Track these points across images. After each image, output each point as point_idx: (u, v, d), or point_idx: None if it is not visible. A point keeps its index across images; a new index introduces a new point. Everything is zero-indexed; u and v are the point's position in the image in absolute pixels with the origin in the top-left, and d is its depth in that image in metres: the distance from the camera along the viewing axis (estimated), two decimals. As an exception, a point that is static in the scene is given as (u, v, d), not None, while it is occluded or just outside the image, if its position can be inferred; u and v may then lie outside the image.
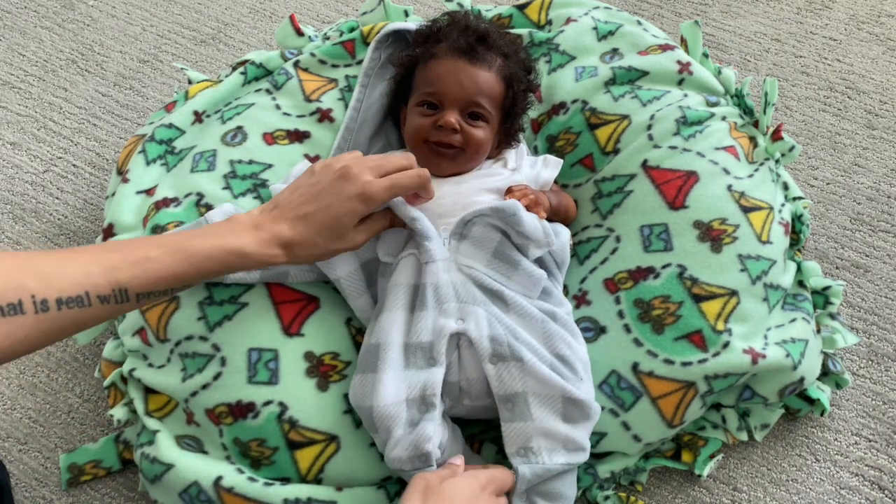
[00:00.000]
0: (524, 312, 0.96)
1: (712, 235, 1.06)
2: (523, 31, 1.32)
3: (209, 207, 1.10)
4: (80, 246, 1.29)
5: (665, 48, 1.26)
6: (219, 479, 0.94)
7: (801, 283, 1.15)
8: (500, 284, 0.98)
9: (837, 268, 1.26)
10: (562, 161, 1.15)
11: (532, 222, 0.99)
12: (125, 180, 1.18)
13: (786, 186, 1.19)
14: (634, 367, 1.00)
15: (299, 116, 1.22)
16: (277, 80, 1.25)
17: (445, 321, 0.94)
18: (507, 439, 0.90)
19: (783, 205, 1.15)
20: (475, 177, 1.08)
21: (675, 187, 1.10)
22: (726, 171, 1.11)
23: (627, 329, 1.02)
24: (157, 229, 1.08)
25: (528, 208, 1.01)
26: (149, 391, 1.05)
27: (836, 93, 1.50)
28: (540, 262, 1.02)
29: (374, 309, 1.01)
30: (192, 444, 0.99)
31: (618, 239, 1.10)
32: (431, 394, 0.91)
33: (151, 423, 1.01)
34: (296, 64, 1.27)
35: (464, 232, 1.00)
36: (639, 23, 1.33)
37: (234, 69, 1.34)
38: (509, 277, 0.99)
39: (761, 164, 1.15)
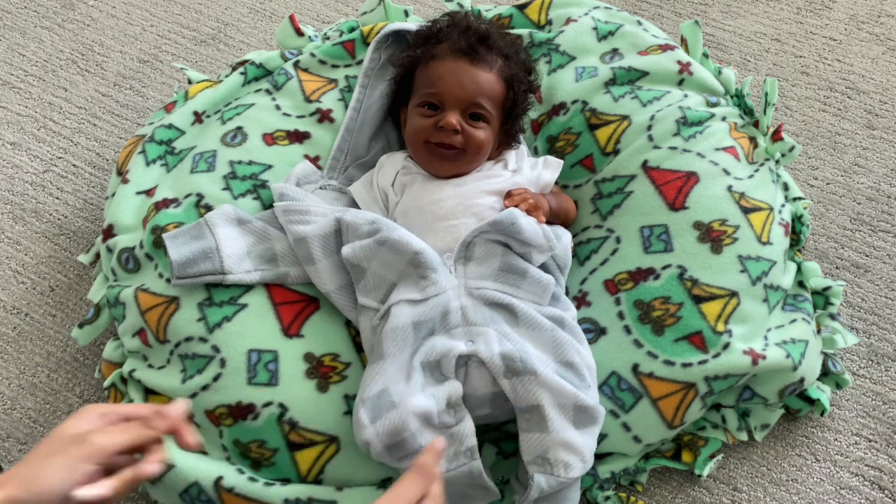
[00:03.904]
0: (533, 324, 0.96)
1: (712, 236, 1.06)
2: (523, 32, 1.32)
3: (209, 208, 1.10)
4: None
5: (665, 48, 1.26)
6: (219, 479, 0.94)
7: (801, 284, 1.15)
8: (510, 297, 0.97)
9: (837, 268, 1.26)
10: (562, 162, 1.16)
11: (532, 228, 0.99)
12: (125, 181, 1.18)
13: (786, 187, 1.19)
14: (635, 368, 1.00)
15: (299, 117, 1.22)
16: (277, 80, 1.25)
17: (454, 343, 0.94)
18: (524, 448, 0.91)
19: (783, 205, 1.15)
20: (476, 178, 1.08)
21: (676, 188, 1.10)
22: (726, 172, 1.11)
23: (628, 330, 1.02)
24: (157, 230, 1.08)
25: (527, 212, 1.01)
26: (149, 392, 1.05)
27: (836, 93, 1.50)
28: (543, 266, 1.02)
29: (369, 352, 0.99)
30: (193, 444, 0.99)
31: (618, 240, 1.10)
32: (456, 402, 0.91)
33: (152, 424, 1.01)
34: (296, 64, 1.27)
35: (467, 254, 1.00)
36: (639, 23, 1.33)
37: (234, 69, 1.34)
38: (519, 287, 0.99)
39: (761, 164, 1.15)
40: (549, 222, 1.05)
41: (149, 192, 1.16)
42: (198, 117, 1.24)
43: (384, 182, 1.12)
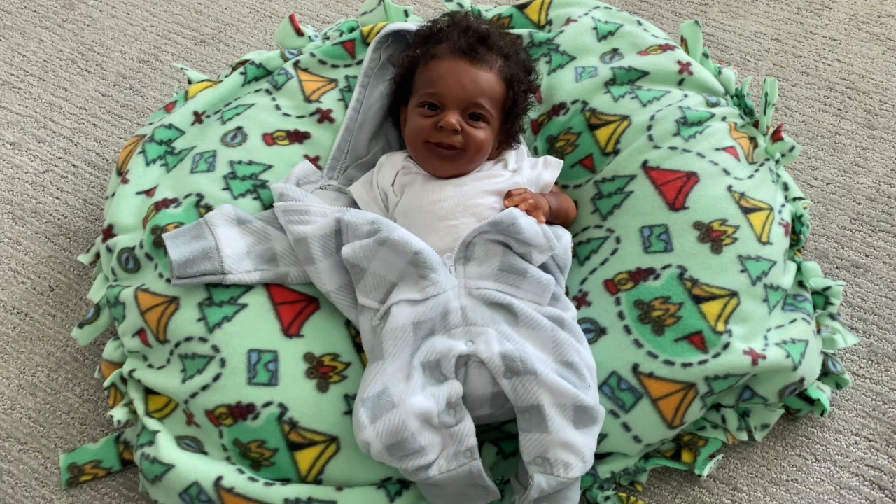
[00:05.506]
0: (533, 324, 0.96)
1: (712, 236, 1.06)
2: (523, 32, 1.32)
3: (209, 208, 1.10)
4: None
5: (665, 48, 1.26)
6: (219, 479, 0.94)
7: (801, 284, 1.15)
8: (510, 297, 0.97)
9: (837, 268, 1.26)
10: (562, 162, 1.16)
11: (532, 228, 0.99)
12: (125, 181, 1.18)
13: (786, 187, 1.19)
14: (635, 368, 1.00)
15: (299, 117, 1.22)
16: (277, 80, 1.25)
17: (454, 343, 0.94)
18: (524, 448, 0.91)
19: (783, 205, 1.15)
20: (476, 178, 1.08)
21: (676, 188, 1.10)
22: (726, 172, 1.11)
23: (628, 330, 1.02)
24: (157, 230, 1.08)
25: (527, 212, 1.01)
26: (149, 392, 1.05)
27: (836, 93, 1.50)
28: (543, 266, 1.02)
29: (369, 352, 1.00)
30: (193, 444, 0.99)
31: (618, 240, 1.10)
32: (456, 402, 0.91)
33: (151, 424, 1.01)
34: (296, 64, 1.27)
35: (467, 254, 1.00)
36: (639, 23, 1.33)
37: (234, 69, 1.34)
38: (518, 287, 0.99)
39: (761, 164, 1.15)
40: (549, 222, 1.06)
41: (149, 192, 1.16)
42: (198, 117, 1.24)
43: (384, 182, 1.12)
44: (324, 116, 1.22)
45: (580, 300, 1.08)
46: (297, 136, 1.20)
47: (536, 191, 1.11)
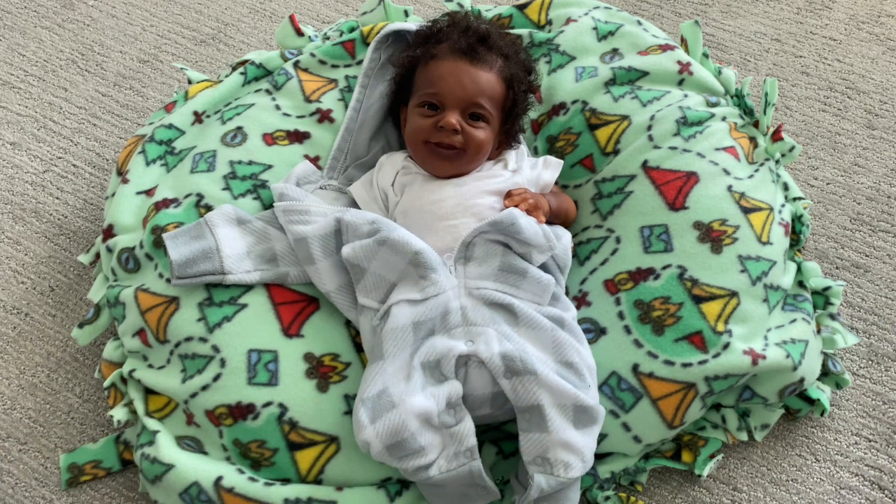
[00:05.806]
0: (533, 324, 0.96)
1: (712, 236, 1.06)
2: (523, 32, 1.32)
3: (209, 208, 1.10)
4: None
5: (665, 48, 1.26)
6: (219, 479, 0.94)
7: (801, 284, 1.15)
8: (510, 297, 0.97)
9: (837, 268, 1.26)
10: (562, 162, 1.16)
11: (532, 228, 0.99)
12: (125, 181, 1.18)
13: (786, 187, 1.19)
14: (635, 368, 1.00)
15: (299, 117, 1.22)
16: (277, 80, 1.25)
17: (454, 343, 0.94)
18: (524, 448, 0.91)
19: (783, 205, 1.15)
20: (476, 178, 1.08)
21: (676, 188, 1.10)
22: (726, 172, 1.11)
23: (628, 330, 1.02)
24: (157, 230, 1.08)
25: (527, 212, 1.01)
26: (149, 392, 1.05)
27: (836, 93, 1.50)
28: (543, 266, 1.02)
29: (369, 352, 1.00)
30: (193, 444, 0.99)
31: (618, 240, 1.10)
32: (456, 402, 0.91)
33: (151, 424, 1.01)
34: (296, 64, 1.27)
35: (467, 254, 1.00)
36: (639, 23, 1.33)
37: (234, 69, 1.34)
38: (518, 287, 0.99)
39: (761, 164, 1.15)
40: (549, 222, 1.06)
41: (149, 192, 1.17)
42: (198, 117, 1.24)
43: (384, 182, 1.12)
44: (324, 116, 1.22)
45: (580, 300, 1.08)
46: (297, 136, 1.20)
47: (536, 191, 1.11)
